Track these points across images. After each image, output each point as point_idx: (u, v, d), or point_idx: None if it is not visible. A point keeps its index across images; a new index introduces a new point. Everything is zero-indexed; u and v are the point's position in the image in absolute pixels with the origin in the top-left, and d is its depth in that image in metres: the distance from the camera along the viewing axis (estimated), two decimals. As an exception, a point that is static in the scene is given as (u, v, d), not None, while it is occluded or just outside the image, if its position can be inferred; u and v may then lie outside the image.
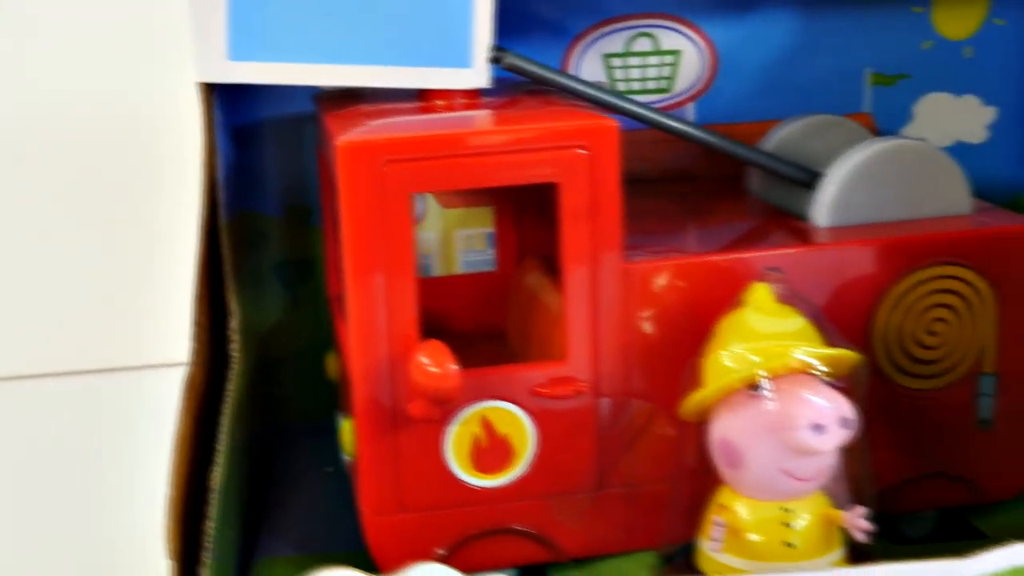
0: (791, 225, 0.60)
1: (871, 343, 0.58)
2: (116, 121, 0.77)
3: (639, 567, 0.57)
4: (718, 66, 0.69)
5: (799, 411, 0.49)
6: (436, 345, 0.52)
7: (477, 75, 0.57)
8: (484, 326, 0.67)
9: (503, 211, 0.68)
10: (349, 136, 0.52)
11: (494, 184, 0.54)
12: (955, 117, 0.71)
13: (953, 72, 0.70)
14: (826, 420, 0.49)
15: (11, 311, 0.85)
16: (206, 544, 0.51)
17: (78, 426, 0.80)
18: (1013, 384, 0.60)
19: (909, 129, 0.70)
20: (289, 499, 0.66)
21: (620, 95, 0.59)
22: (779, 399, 0.50)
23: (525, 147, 0.53)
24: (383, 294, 0.53)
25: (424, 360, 0.52)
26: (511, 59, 0.57)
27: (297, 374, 0.71)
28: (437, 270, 0.71)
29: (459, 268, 0.71)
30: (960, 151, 0.71)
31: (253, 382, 0.67)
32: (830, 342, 0.52)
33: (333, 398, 0.67)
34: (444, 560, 0.56)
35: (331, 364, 0.66)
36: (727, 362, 0.51)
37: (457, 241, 0.72)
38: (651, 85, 0.69)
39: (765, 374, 0.50)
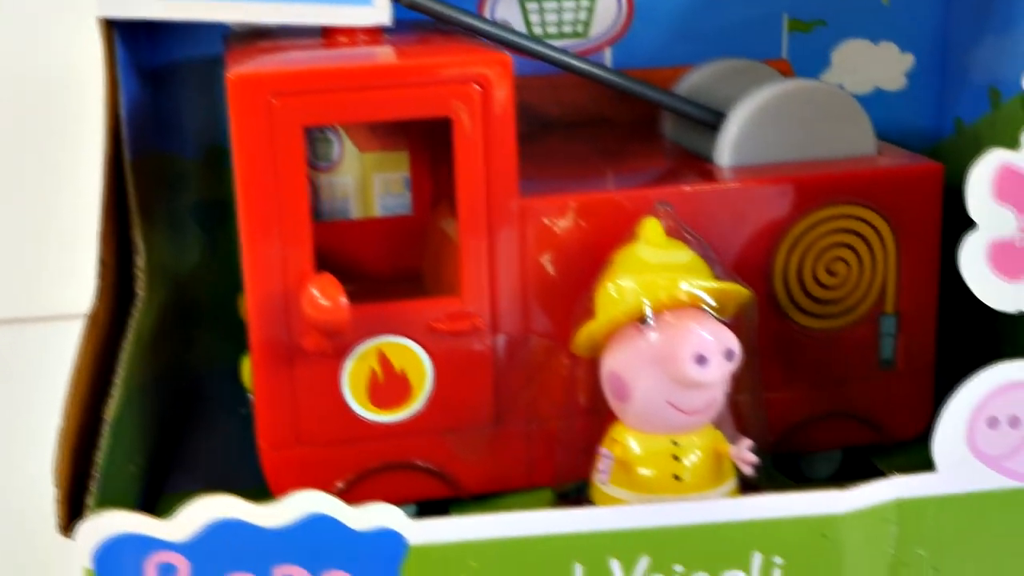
0: (695, 166, 0.61)
1: (771, 283, 0.58)
2: (15, 64, 0.76)
3: (539, 504, 0.57)
4: (634, 11, 0.69)
5: (682, 343, 0.49)
6: (327, 278, 0.52)
7: (378, 12, 0.57)
8: (401, 270, 0.67)
9: (419, 155, 0.68)
10: (239, 69, 0.52)
11: (386, 118, 0.54)
12: (873, 64, 0.71)
13: (871, 18, 0.70)
14: (709, 352, 0.49)
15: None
16: (94, 474, 0.51)
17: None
18: (914, 324, 0.60)
19: (827, 76, 0.70)
20: (202, 439, 0.67)
21: (526, 36, 0.59)
22: (663, 331, 0.50)
23: (417, 81, 0.53)
24: (276, 228, 0.53)
25: (315, 293, 0.52)
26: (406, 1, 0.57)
27: (216, 317, 0.71)
28: (355, 213, 0.71)
29: (377, 212, 0.72)
30: (878, 98, 0.71)
31: (169, 323, 0.67)
32: (721, 278, 0.53)
33: (248, 339, 0.67)
34: (342, 495, 0.56)
35: (242, 304, 0.66)
36: (615, 294, 0.51)
37: (375, 185, 0.72)
38: (567, 29, 0.69)
39: (651, 306, 0.50)
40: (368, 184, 0.71)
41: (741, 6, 0.69)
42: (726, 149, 0.59)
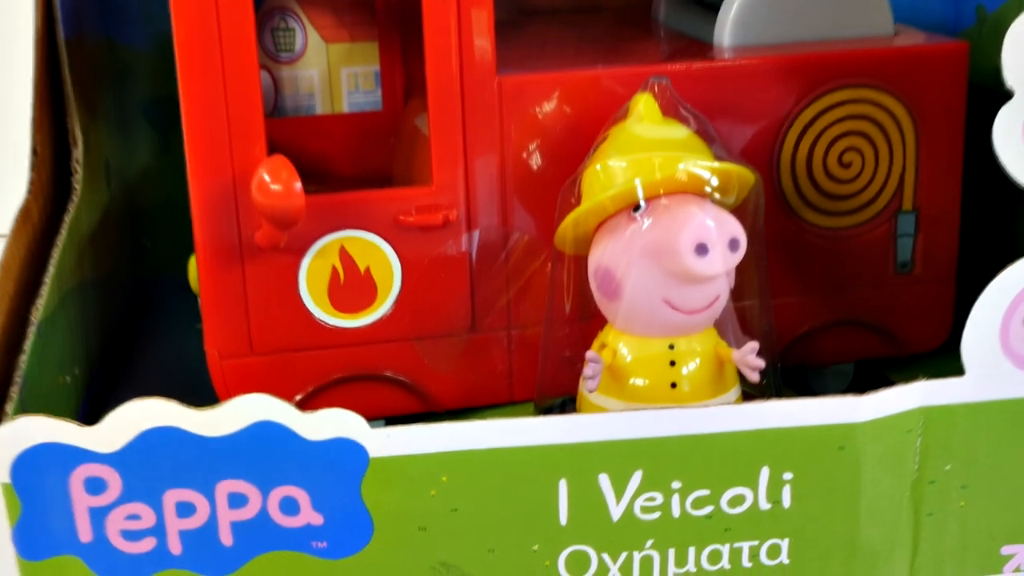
0: (693, 48, 0.55)
1: (777, 175, 0.52)
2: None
3: (519, 419, 0.52)
4: None
5: (680, 230, 0.43)
6: (279, 160, 0.46)
7: None
8: (370, 170, 0.61)
9: (390, 46, 0.62)
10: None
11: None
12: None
13: None
14: (711, 240, 0.43)
15: None
16: (16, 379, 0.45)
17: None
18: (935, 223, 0.54)
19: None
20: (153, 354, 0.61)
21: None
22: (658, 218, 0.44)
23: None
24: (223, 107, 0.47)
25: (265, 177, 0.46)
26: None
27: (169, 225, 0.66)
28: (321, 109, 0.65)
29: (345, 108, 0.66)
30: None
31: (114, 226, 0.61)
32: (724, 159, 0.47)
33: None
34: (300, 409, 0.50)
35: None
36: (603, 177, 0.45)
37: (344, 80, 0.66)
38: None
39: (644, 189, 0.45)
40: (335, 78, 0.65)
41: None
42: (727, 27, 0.53)
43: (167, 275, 0.65)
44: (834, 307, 0.54)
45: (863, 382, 0.56)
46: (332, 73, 0.65)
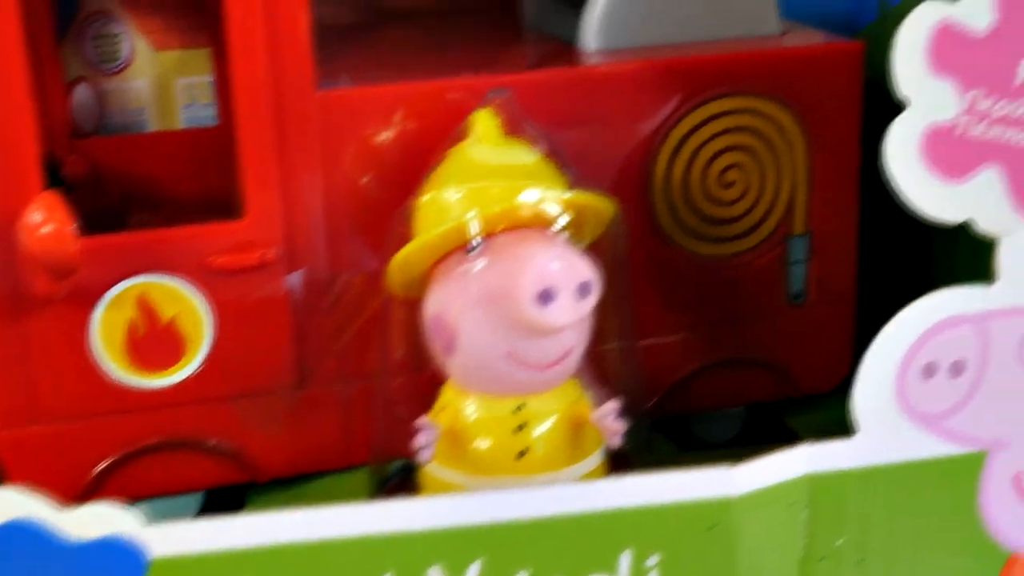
0: (555, 51, 0.48)
1: (650, 198, 0.46)
2: None
3: (357, 489, 0.45)
4: None
5: (521, 274, 0.37)
6: (50, 199, 0.39)
7: None
8: (209, 195, 0.54)
9: (224, 53, 0.56)
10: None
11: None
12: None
13: None
14: (556, 285, 0.37)
15: None
16: None
17: None
18: (830, 248, 0.48)
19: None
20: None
21: None
22: (496, 258, 0.38)
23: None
24: (-14, 133, 0.41)
25: (35, 218, 0.39)
26: None
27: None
28: (153, 126, 0.58)
29: (180, 124, 0.59)
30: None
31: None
32: (577, 187, 0.40)
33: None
34: (98, 484, 0.43)
35: None
36: (435, 210, 0.39)
37: (178, 92, 0.59)
38: None
39: (481, 224, 0.38)
40: (168, 90, 0.58)
41: None
42: (592, 27, 0.46)
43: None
44: (720, 345, 0.48)
45: (756, 428, 0.51)
46: (164, 84, 0.58)
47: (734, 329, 0.48)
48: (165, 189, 0.55)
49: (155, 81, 0.59)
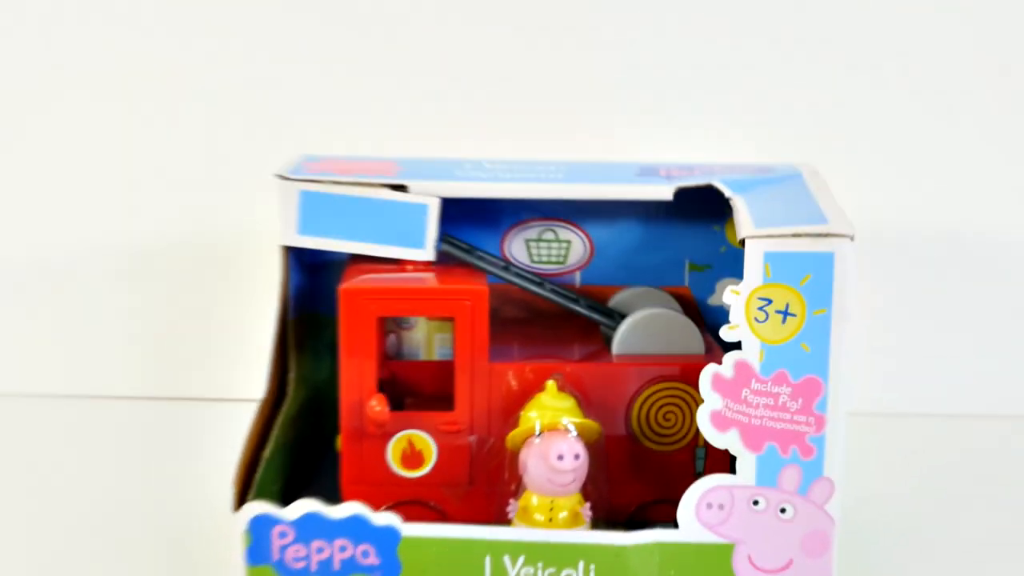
0: (597, 352, 1.05)
1: (631, 422, 0.96)
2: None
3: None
4: (594, 251, 1.11)
5: (551, 447, 0.93)
6: (379, 395, 1.00)
7: (427, 253, 1.03)
8: (443, 392, 0.93)
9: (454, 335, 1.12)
10: (347, 284, 1.00)
11: (421, 314, 1.01)
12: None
13: (739, 264, 1.13)
14: (565, 453, 0.94)
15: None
16: (253, 486, 0.98)
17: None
18: (715, 451, 1.03)
19: (712, 298, 1.14)
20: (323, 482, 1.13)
21: (505, 266, 1.06)
22: (544, 441, 0.95)
23: (436, 296, 0.99)
24: (361, 365, 1.01)
25: (372, 404, 0.99)
26: (446, 245, 1.04)
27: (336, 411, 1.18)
28: (422, 356, 0.98)
29: (436, 356, 1.00)
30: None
31: (307, 411, 1.15)
32: (587, 417, 0.97)
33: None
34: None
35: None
36: (526, 419, 0.97)
37: (436, 340, 1.17)
38: (553, 259, 1.12)
39: (541, 427, 0.96)
40: (431, 338, 1.16)
41: (659, 252, 1.13)
42: (614, 343, 1.04)
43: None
44: (659, 491, 0.99)
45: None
46: (429, 335, 1.18)
47: (667, 485, 0.95)
48: (424, 390, 0.97)
49: (425, 334, 1.11)
